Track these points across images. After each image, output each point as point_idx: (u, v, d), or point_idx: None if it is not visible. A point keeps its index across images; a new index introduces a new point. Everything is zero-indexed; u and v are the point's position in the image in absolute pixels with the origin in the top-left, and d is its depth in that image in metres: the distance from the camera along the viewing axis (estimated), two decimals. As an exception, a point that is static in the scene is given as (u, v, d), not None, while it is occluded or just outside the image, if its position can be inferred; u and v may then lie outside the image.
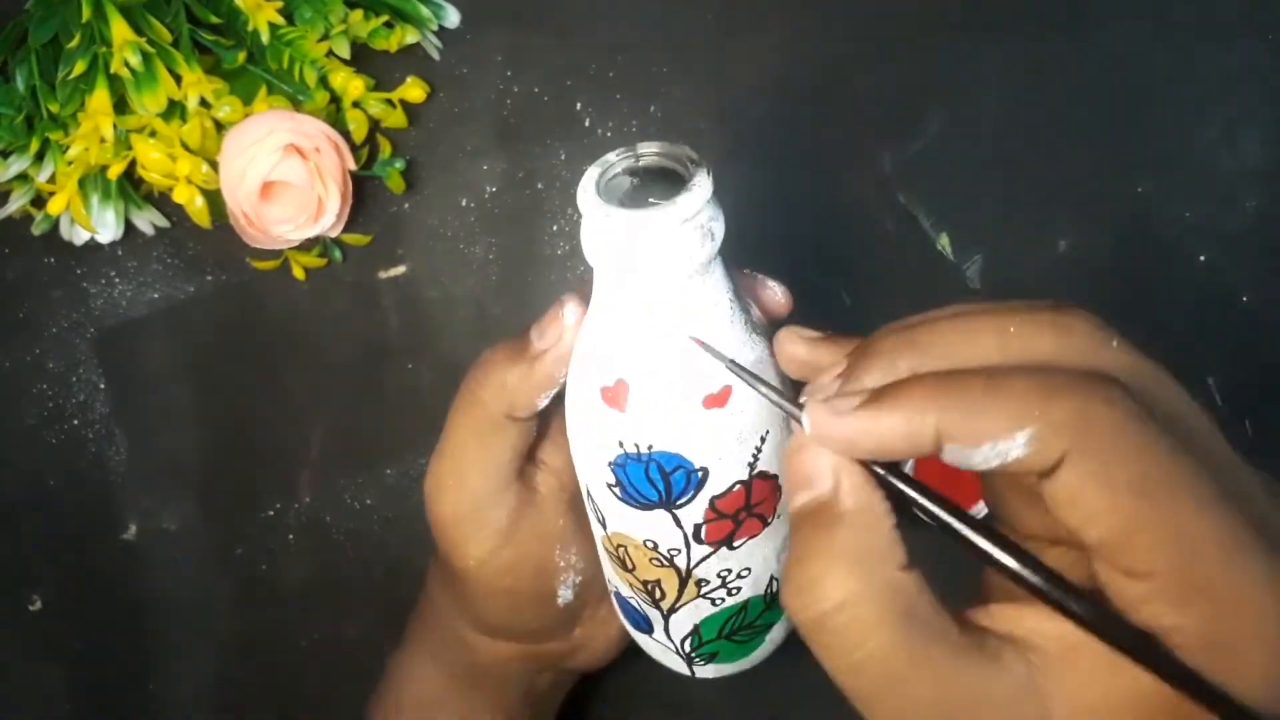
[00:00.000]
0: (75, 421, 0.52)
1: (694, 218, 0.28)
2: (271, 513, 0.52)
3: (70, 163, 0.45)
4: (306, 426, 0.51)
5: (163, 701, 0.53)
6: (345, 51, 0.47)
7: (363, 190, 0.50)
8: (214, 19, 0.46)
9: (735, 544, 0.32)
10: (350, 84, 0.46)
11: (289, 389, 0.51)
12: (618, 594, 0.37)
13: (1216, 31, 0.48)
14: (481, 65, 0.49)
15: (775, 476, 0.32)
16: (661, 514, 0.31)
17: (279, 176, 0.44)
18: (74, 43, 0.44)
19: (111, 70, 0.44)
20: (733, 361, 0.29)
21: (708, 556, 0.32)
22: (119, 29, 0.43)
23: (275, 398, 0.51)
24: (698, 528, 0.31)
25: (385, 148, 0.49)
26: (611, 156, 0.30)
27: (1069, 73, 0.49)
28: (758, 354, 0.30)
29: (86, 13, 0.44)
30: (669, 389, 0.30)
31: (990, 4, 0.49)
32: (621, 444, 0.30)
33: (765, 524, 0.33)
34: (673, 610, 0.34)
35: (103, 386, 0.52)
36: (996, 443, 0.22)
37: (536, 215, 0.50)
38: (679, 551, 0.32)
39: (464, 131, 0.50)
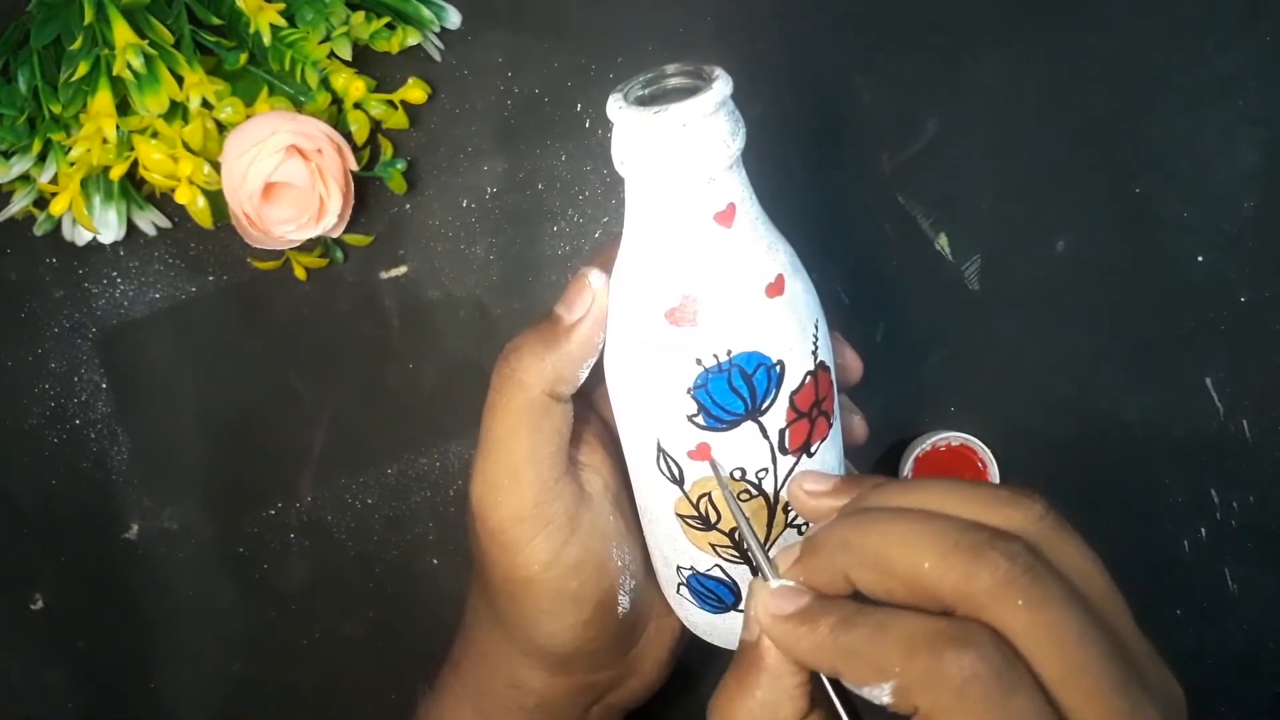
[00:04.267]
0: (77, 421, 0.52)
1: (725, 103, 0.30)
2: (273, 512, 0.52)
3: (72, 163, 0.45)
4: (308, 426, 0.51)
5: (164, 700, 0.53)
6: (347, 53, 0.47)
7: (364, 191, 0.50)
8: (215, 20, 0.46)
9: (812, 449, 0.33)
10: (352, 85, 0.46)
11: (290, 389, 0.51)
12: (693, 577, 0.36)
13: (1216, 31, 0.48)
14: (482, 66, 0.50)
15: (830, 368, 0.34)
16: (748, 427, 0.32)
17: (281, 177, 0.44)
18: (76, 44, 0.45)
19: (114, 71, 0.44)
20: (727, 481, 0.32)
21: (791, 470, 0.33)
22: (121, 30, 0.44)
23: (277, 398, 0.51)
24: (782, 434, 0.32)
25: (387, 149, 0.49)
26: (624, 86, 0.32)
27: (1067, 73, 0.49)
28: (788, 251, 0.32)
29: (89, 14, 0.44)
30: (734, 285, 0.30)
31: (988, 5, 0.49)
32: (700, 360, 0.31)
33: (830, 424, 0.34)
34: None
35: (104, 386, 0.52)
36: (872, 688, 0.26)
37: (537, 216, 0.50)
38: (766, 472, 0.33)
39: (465, 132, 0.50)
